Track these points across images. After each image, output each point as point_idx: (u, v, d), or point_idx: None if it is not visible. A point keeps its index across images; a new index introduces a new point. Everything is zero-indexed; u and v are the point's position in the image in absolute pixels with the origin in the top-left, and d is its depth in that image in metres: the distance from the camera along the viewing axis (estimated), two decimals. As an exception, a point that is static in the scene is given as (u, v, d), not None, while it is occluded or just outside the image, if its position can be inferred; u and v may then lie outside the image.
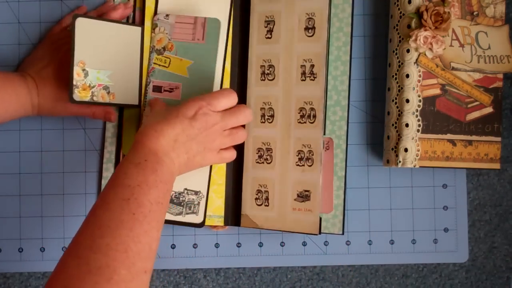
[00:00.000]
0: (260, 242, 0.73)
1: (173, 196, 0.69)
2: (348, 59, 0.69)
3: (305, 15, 0.67)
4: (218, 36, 0.70)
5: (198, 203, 0.70)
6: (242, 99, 0.70)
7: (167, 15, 0.70)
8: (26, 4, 0.73)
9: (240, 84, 0.71)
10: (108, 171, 0.72)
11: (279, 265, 0.73)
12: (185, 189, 0.70)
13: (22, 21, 0.73)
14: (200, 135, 0.63)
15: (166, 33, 0.70)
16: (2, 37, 0.73)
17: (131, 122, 0.71)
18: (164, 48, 0.70)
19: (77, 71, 0.64)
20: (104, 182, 0.72)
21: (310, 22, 0.66)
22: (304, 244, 0.73)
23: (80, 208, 0.72)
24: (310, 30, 0.67)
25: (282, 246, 0.73)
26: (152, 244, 0.54)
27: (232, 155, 0.69)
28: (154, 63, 0.70)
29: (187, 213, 0.70)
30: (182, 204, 0.70)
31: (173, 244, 0.73)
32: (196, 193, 0.70)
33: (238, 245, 0.73)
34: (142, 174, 0.56)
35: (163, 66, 0.70)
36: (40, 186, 0.72)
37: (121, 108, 0.71)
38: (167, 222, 0.70)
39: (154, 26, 0.70)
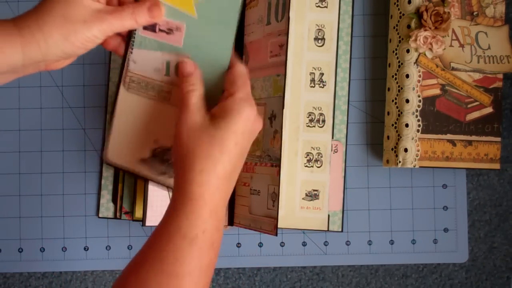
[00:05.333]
0: (260, 242, 0.73)
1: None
2: (348, 66, 0.72)
3: (315, 25, 0.70)
4: None
5: None
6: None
7: None
8: (26, 4, 0.73)
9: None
10: (108, 171, 0.72)
11: (279, 265, 0.73)
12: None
13: (22, 21, 0.73)
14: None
15: None
16: (2, 37, 0.73)
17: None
18: None
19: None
20: (104, 182, 0.72)
21: (320, 33, 0.69)
22: (304, 244, 0.73)
23: (80, 208, 0.72)
24: (319, 41, 0.70)
25: (282, 246, 0.73)
26: None
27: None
28: None
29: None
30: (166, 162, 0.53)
31: (173, 244, 0.73)
32: None
33: (238, 245, 0.73)
34: (198, 256, 0.44)
35: None
36: (40, 186, 0.72)
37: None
38: (149, 180, 0.53)
39: None
